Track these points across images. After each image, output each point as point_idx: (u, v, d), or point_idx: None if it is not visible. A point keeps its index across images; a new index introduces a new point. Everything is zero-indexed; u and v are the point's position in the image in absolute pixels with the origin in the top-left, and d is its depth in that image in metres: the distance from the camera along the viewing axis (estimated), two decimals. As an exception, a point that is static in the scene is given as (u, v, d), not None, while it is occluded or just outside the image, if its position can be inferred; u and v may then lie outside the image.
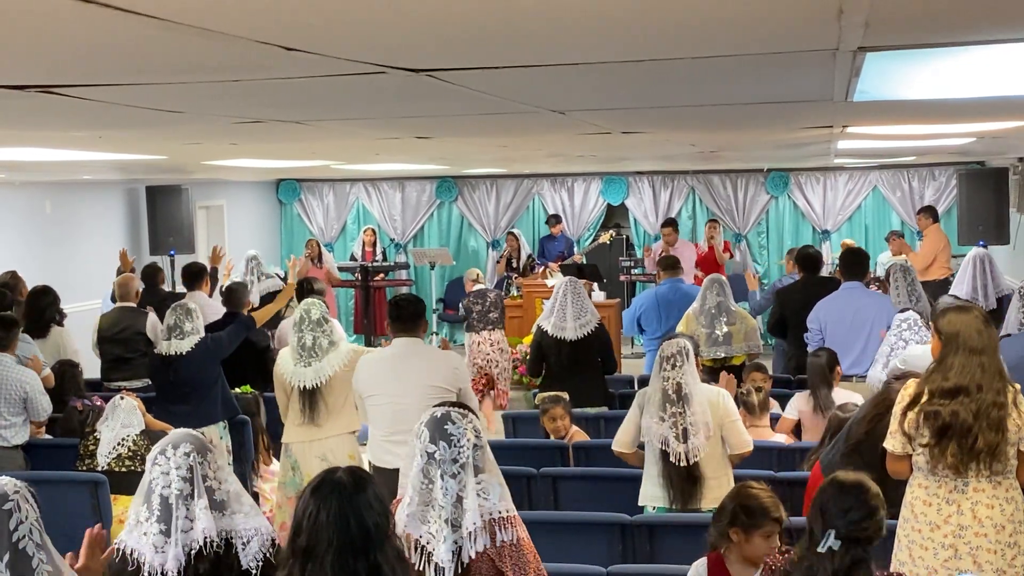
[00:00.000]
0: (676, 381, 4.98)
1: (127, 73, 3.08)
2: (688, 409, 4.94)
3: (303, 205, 16.53)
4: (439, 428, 3.15)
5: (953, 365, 4.13)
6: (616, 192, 15.52)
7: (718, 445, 5.08)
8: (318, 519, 2.66)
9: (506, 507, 3.19)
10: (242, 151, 7.60)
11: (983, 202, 11.84)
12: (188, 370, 6.80)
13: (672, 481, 4.99)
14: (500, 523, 3.15)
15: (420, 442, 3.15)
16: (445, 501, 3.07)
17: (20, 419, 6.51)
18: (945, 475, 4.13)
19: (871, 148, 9.71)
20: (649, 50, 2.91)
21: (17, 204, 10.89)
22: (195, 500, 2.97)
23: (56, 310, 7.88)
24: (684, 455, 4.93)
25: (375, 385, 5.58)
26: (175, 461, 3.00)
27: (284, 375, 6.28)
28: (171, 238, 12.60)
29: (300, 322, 6.26)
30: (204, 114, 4.40)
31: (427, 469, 3.12)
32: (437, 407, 3.28)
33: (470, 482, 3.11)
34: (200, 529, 2.95)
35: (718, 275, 8.16)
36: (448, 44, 2.71)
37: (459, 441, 3.13)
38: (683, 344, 5.09)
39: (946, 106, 5.00)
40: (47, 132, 5.17)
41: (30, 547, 2.67)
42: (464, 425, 3.17)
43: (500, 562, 3.13)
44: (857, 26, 2.50)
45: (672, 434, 4.95)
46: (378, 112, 4.71)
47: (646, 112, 5.06)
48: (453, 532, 3.05)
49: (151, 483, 3.01)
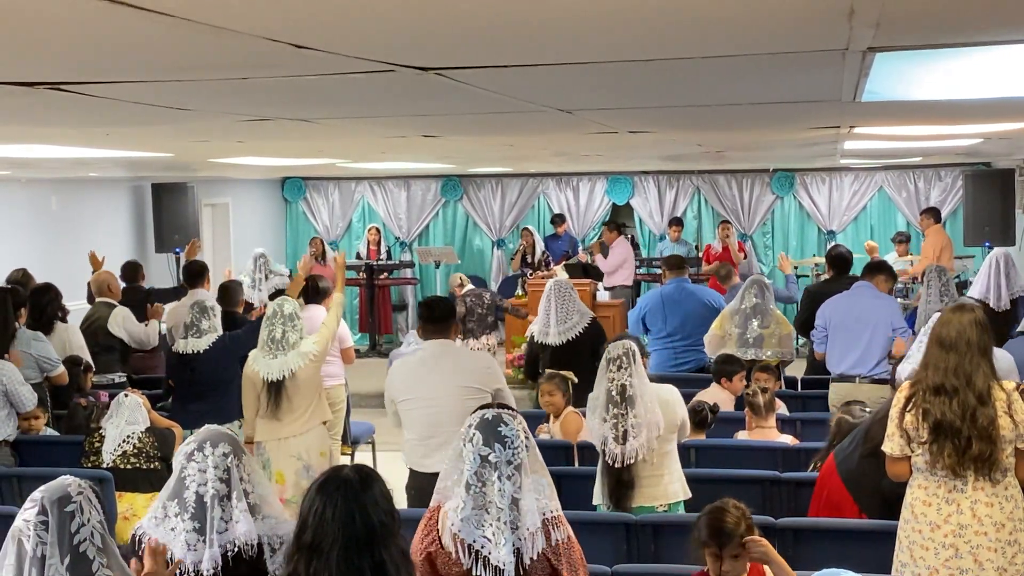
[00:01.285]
0: (620, 383, 4.98)
1: (136, 70, 3.08)
2: (631, 411, 4.94)
3: (308, 203, 16.53)
4: (492, 430, 3.13)
5: (929, 363, 4.20)
6: (621, 192, 15.51)
7: (668, 443, 5.11)
8: (324, 516, 2.66)
9: (556, 506, 3.20)
10: (249, 149, 7.61)
11: (989, 203, 11.83)
12: (205, 368, 6.82)
13: (606, 481, 5.04)
14: (553, 522, 3.16)
15: (472, 445, 3.13)
16: (503, 503, 3.05)
17: (3, 413, 6.49)
18: (944, 475, 4.15)
19: (877, 149, 9.70)
20: (658, 50, 2.91)
21: (23, 201, 10.90)
22: (232, 502, 2.98)
23: (58, 307, 7.87)
24: (620, 456, 4.94)
25: (407, 389, 5.52)
26: (213, 460, 3.01)
27: (256, 370, 6.28)
28: (176, 235, 12.61)
29: (272, 316, 6.30)
30: (212, 112, 4.40)
31: (481, 472, 3.10)
32: (484, 409, 3.25)
33: (526, 483, 3.11)
34: (241, 531, 2.96)
35: (760, 277, 8.12)
36: (457, 43, 2.71)
37: (513, 442, 3.12)
38: (629, 346, 5.09)
39: (954, 107, 5.00)
40: (55, 129, 5.18)
41: (91, 551, 2.66)
42: (516, 426, 3.17)
43: (556, 561, 3.14)
44: (868, 26, 2.49)
45: (612, 435, 4.96)
46: (386, 111, 4.70)
47: (653, 112, 5.06)
48: (512, 534, 3.05)
49: (184, 479, 3.01)
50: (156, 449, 5.95)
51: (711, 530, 3.70)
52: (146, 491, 5.86)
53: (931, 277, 7.95)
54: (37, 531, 2.70)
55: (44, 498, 2.75)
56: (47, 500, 2.74)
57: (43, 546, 2.68)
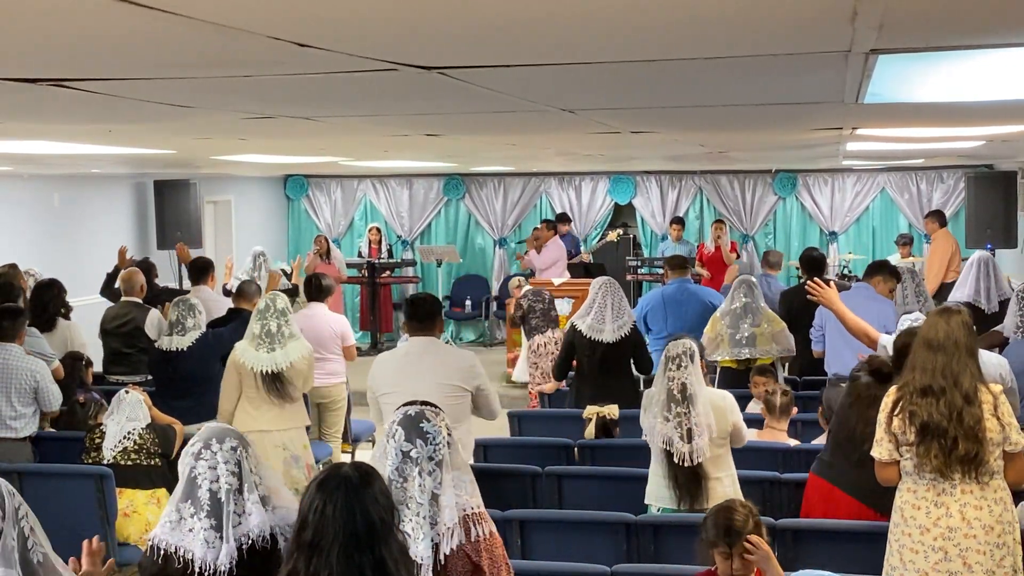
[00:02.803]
0: (681, 381, 4.98)
1: (139, 68, 3.09)
2: (693, 409, 4.94)
3: (311, 201, 16.53)
4: (414, 426, 3.16)
5: (916, 364, 4.20)
6: (624, 191, 15.51)
7: (720, 447, 5.08)
8: (324, 513, 2.65)
9: (477, 503, 3.23)
10: (251, 146, 7.61)
11: (991, 205, 11.81)
12: (188, 365, 6.84)
13: (677, 481, 4.99)
14: (473, 519, 3.18)
15: (395, 440, 3.15)
16: (423, 499, 3.08)
17: (30, 410, 6.52)
18: (932, 477, 4.16)
19: (880, 150, 9.70)
20: (662, 50, 2.91)
21: (25, 197, 10.90)
22: (244, 494, 2.99)
23: (61, 303, 7.87)
24: (689, 455, 4.92)
25: (391, 384, 5.54)
26: (222, 455, 3.01)
27: (244, 362, 6.32)
28: (178, 232, 12.61)
29: (264, 310, 6.37)
30: (214, 109, 4.40)
31: (402, 467, 3.12)
32: (408, 405, 3.28)
33: (447, 479, 3.13)
34: (255, 523, 2.97)
35: (747, 276, 8.10)
36: (460, 42, 2.71)
37: (435, 439, 3.14)
38: (689, 345, 5.09)
39: (957, 109, 5.00)
40: (57, 126, 5.18)
41: (26, 528, 2.68)
42: (438, 423, 3.19)
43: (476, 556, 3.15)
44: (871, 28, 2.49)
45: (677, 434, 4.94)
46: (389, 109, 4.71)
47: (656, 112, 5.06)
48: (431, 529, 3.07)
49: (196, 479, 3.00)
50: (157, 446, 5.96)
51: (720, 529, 3.70)
52: (146, 487, 5.86)
53: (905, 278, 7.95)
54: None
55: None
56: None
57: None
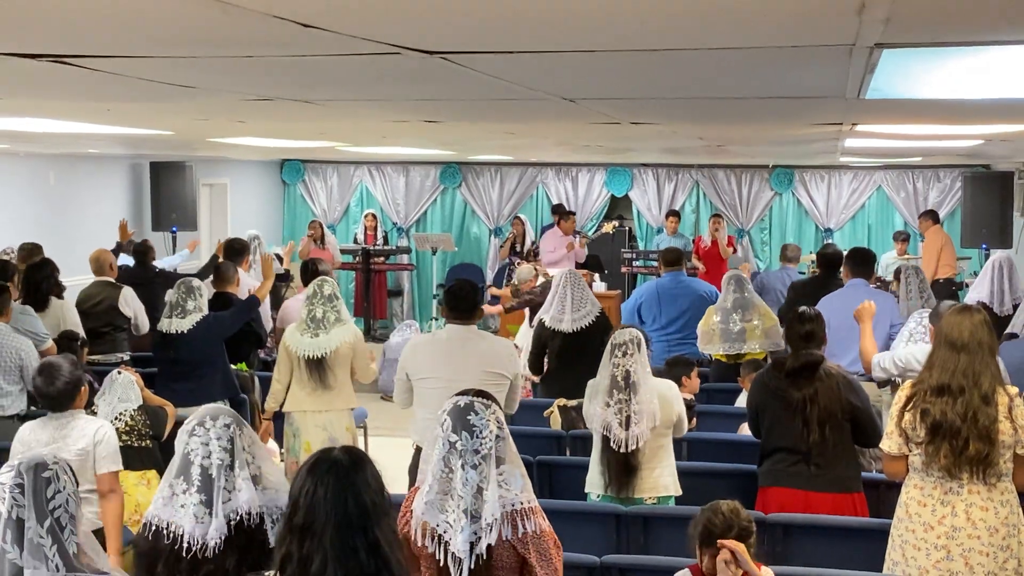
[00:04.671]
0: (625, 368, 5.01)
1: (140, 45, 3.07)
2: (634, 397, 4.97)
3: (307, 186, 16.51)
4: (462, 418, 3.13)
5: (935, 363, 4.19)
6: (620, 183, 15.50)
7: (663, 437, 5.12)
8: (315, 496, 2.65)
9: (528, 498, 3.18)
10: (249, 129, 7.59)
11: (987, 205, 11.83)
12: (188, 348, 6.83)
13: (610, 467, 5.03)
14: (522, 514, 3.14)
15: (443, 431, 3.13)
16: (465, 492, 3.06)
17: (16, 388, 6.50)
18: (940, 476, 4.15)
19: (878, 147, 9.70)
20: (664, 40, 2.90)
21: (21, 175, 10.87)
22: (236, 471, 3.02)
23: (54, 283, 7.85)
24: (625, 441, 4.95)
25: (429, 368, 5.55)
26: (215, 432, 3.04)
27: (291, 347, 6.53)
28: (174, 214, 12.60)
29: (312, 296, 6.59)
30: (214, 90, 4.38)
31: (448, 458, 3.10)
32: (460, 395, 3.24)
33: (492, 473, 3.09)
34: (244, 500, 2.99)
35: (737, 272, 8.10)
36: (464, 27, 2.70)
37: (481, 432, 3.11)
38: (635, 334, 5.13)
39: (958, 106, 4.99)
40: (56, 103, 5.16)
41: (64, 518, 2.67)
42: (487, 416, 3.15)
43: (523, 550, 3.13)
44: (877, 22, 2.48)
45: (616, 420, 4.97)
46: (389, 94, 4.69)
47: (657, 103, 5.05)
48: (472, 523, 3.05)
49: (188, 454, 3.03)
50: (148, 427, 5.93)
51: (698, 528, 3.75)
52: (137, 468, 5.84)
53: (908, 275, 7.97)
54: (13, 494, 2.73)
55: (21, 464, 2.79)
56: (24, 466, 2.78)
57: (19, 509, 2.71)
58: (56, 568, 2.56)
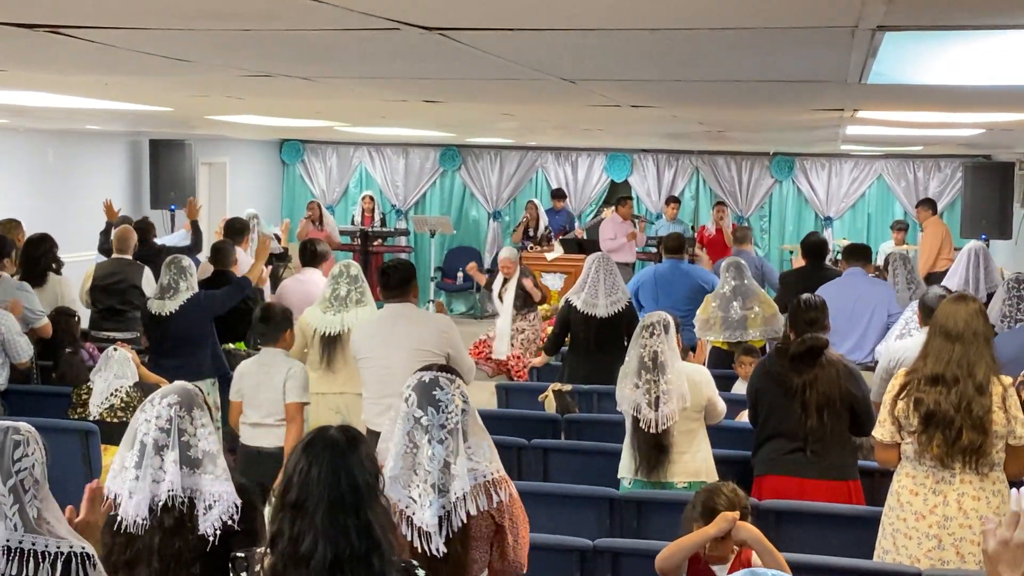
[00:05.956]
0: (653, 349, 5.02)
1: (138, 15, 3.05)
2: (663, 377, 4.97)
3: (306, 166, 16.48)
4: (427, 394, 3.15)
5: (930, 352, 4.18)
6: (620, 169, 15.47)
7: (693, 421, 5.11)
8: (309, 475, 2.64)
9: (496, 467, 3.23)
10: (248, 106, 7.57)
11: (987, 196, 11.81)
12: (177, 325, 6.82)
13: (640, 448, 5.03)
14: (494, 484, 3.19)
15: (407, 406, 3.15)
16: (432, 466, 3.08)
17: None
18: (933, 465, 4.15)
19: (879, 135, 9.67)
20: (664, 19, 2.87)
21: (19, 151, 10.84)
22: (167, 452, 3.00)
23: (53, 258, 7.84)
24: (654, 422, 4.95)
25: (366, 348, 5.60)
26: (157, 411, 3.04)
27: (310, 324, 6.54)
28: (172, 193, 12.56)
29: (338, 275, 6.67)
30: (213, 64, 4.36)
31: (413, 434, 3.12)
32: (424, 371, 3.26)
33: (460, 447, 3.12)
34: (167, 482, 2.98)
35: (736, 259, 8.08)
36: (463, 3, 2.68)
37: (447, 407, 3.14)
38: (664, 316, 5.14)
39: (961, 93, 4.97)
40: (53, 75, 5.13)
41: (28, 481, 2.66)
42: (452, 391, 3.18)
43: (500, 519, 3.19)
44: (879, 3, 2.46)
45: (644, 400, 4.98)
46: (388, 71, 4.67)
47: (657, 85, 5.03)
48: (440, 497, 3.06)
49: (137, 430, 3.05)
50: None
51: (703, 508, 3.75)
52: (131, 444, 5.84)
53: (896, 264, 7.98)
54: None
55: None
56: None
57: None
58: (14, 527, 2.55)
